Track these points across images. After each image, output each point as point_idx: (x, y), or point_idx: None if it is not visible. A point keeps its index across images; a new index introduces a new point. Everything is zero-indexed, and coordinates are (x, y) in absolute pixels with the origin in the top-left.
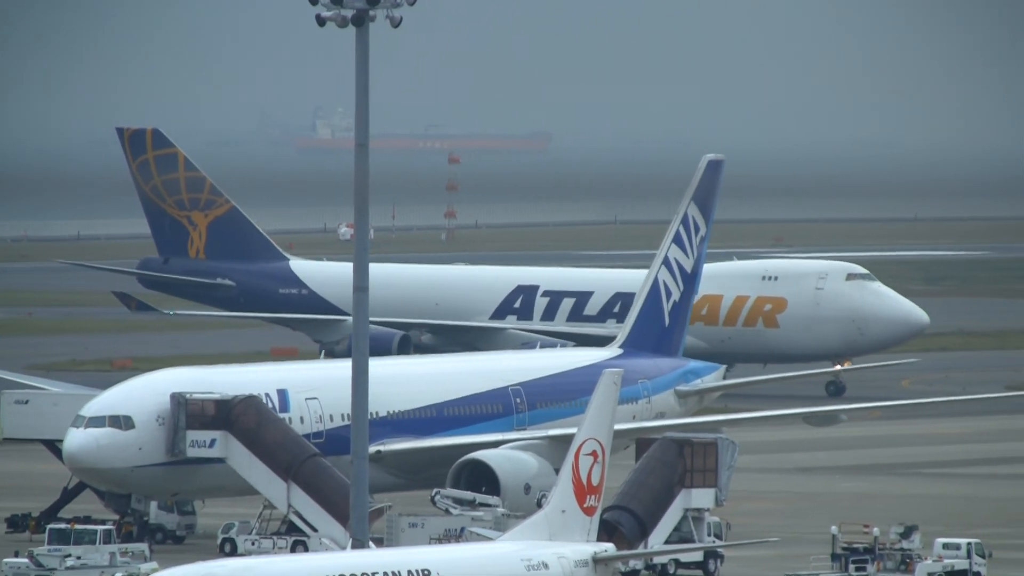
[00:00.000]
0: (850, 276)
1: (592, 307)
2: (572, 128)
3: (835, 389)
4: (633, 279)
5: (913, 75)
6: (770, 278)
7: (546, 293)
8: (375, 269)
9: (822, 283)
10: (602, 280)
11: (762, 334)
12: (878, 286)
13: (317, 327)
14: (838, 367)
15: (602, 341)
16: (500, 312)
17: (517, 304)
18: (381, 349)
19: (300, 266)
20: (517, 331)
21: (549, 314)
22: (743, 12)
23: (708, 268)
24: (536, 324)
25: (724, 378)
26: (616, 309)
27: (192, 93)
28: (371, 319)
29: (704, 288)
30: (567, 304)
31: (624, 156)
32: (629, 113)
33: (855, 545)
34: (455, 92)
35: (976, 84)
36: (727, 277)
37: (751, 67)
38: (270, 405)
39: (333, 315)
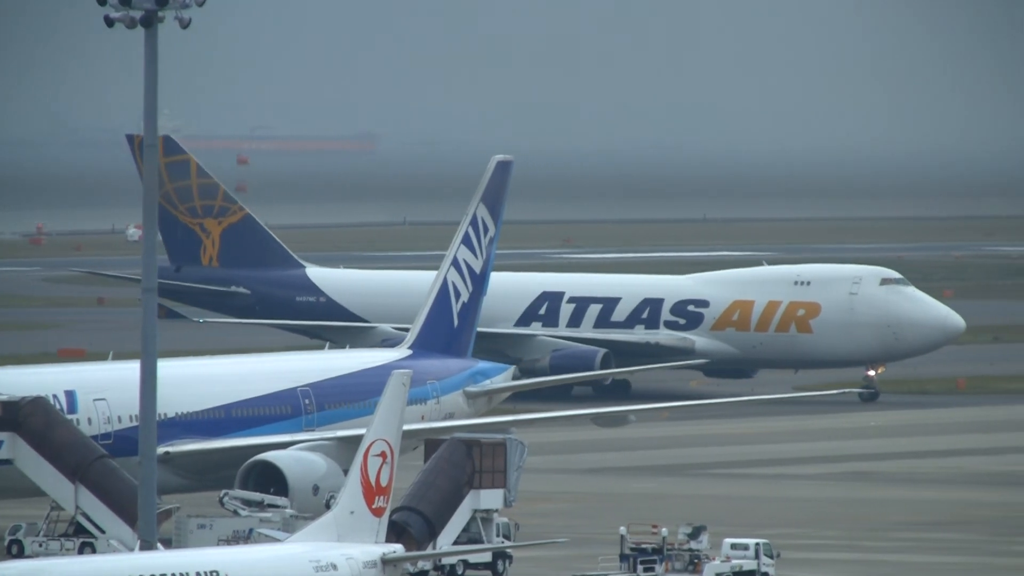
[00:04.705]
0: (884, 281)
1: (620, 313)
2: (403, 130)
3: (869, 395)
4: (662, 284)
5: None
6: (802, 283)
7: (572, 299)
8: (400, 276)
9: (856, 288)
10: (629, 286)
11: (795, 340)
12: (913, 291)
13: (346, 336)
14: (622, 370)
15: (632, 348)
16: (525, 319)
17: (542, 311)
18: None
19: (317, 273)
20: (547, 337)
21: (575, 320)
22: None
23: (738, 273)
24: (562, 331)
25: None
26: (644, 315)
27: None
28: (401, 327)
29: (735, 293)
30: (593, 310)
31: (447, 157)
32: (455, 116)
33: (643, 545)
34: (287, 93)
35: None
36: (758, 282)
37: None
38: (58, 406)
39: (353, 323)
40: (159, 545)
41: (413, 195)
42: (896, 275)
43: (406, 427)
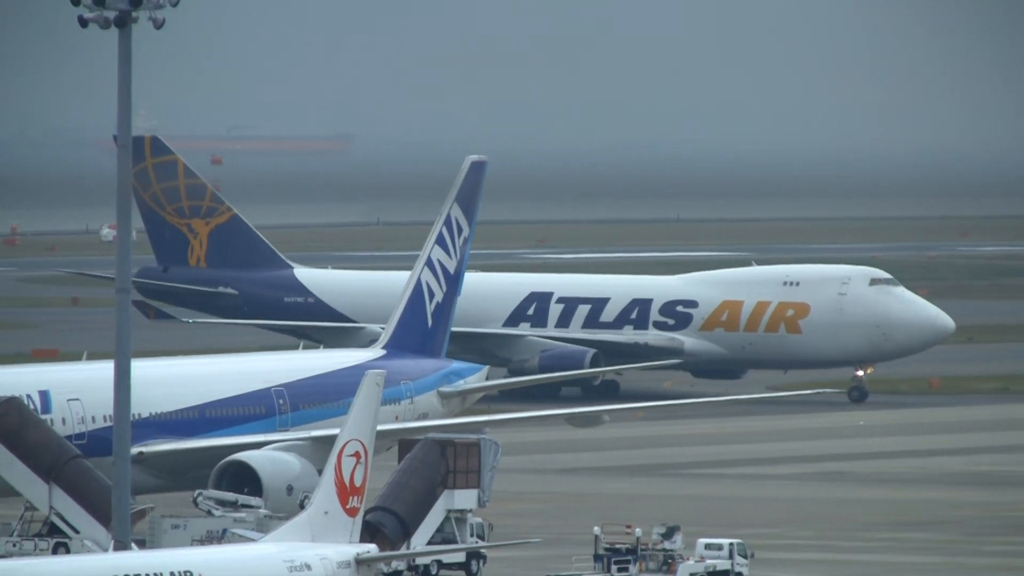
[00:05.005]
0: (873, 281)
1: (608, 313)
2: (378, 130)
3: (858, 395)
4: (651, 285)
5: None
6: (791, 283)
7: (560, 300)
8: (388, 277)
9: (845, 288)
10: (618, 286)
11: (784, 340)
12: (902, 291)
13: (335, 336)
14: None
15: (621, 348)
16: (513, 319)
17: (531, 311)
18: None
19: (305, 274)
20: (535, 338)
21: (564, 321)
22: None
23: (728, 274)
24: (551, 331)
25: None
26: (633, 316)
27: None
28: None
29: (724, 294)
30: (582, 311)
31: (422, 157)
32: (430, 116)
33: (617, 546)
34: (263, 93)
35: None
36: (747, 283)
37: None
38: (32, 406)
39: (342, 323)
40: (133, 545)
41: (387, 195)
42: (885, 275)
43: (380, 427)
